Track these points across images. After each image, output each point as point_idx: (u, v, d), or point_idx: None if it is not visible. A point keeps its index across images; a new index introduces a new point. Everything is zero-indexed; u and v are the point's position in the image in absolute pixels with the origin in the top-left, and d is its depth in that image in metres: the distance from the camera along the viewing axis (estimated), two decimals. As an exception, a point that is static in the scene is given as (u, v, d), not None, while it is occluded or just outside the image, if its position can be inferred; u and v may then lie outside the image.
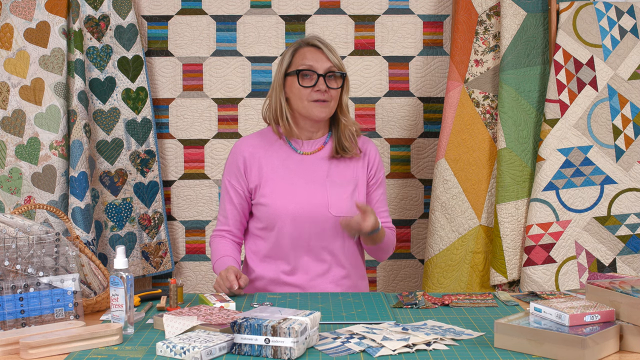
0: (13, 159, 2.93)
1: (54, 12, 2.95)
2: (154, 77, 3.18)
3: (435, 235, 2.99)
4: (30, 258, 1.89)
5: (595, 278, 2.04)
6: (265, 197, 2.30)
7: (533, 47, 2.96)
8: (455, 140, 2.98)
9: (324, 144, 2.35)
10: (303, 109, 2.27)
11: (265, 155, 2.33)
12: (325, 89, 2.23)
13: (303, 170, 2.31)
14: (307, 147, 2.34)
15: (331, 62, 2.26)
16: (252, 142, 2.37)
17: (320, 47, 2.27)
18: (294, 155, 2.33)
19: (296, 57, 2.29)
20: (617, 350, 1.66)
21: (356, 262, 2.39)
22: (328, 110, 2.27)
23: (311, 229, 2.28)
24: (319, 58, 2.26)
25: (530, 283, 2.86)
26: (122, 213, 3.07)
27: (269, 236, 2.31)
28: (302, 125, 2.32)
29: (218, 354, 1.63)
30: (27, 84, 2.94)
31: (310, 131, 2.33)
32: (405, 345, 1.68)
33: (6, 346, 1.67)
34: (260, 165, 2.32)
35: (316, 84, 2.24)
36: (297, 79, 2.25)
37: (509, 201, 2.91)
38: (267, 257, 2.33)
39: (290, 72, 2.28)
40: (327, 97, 2.25)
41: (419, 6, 3.17)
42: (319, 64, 2.25)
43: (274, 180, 2.30)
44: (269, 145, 2.35)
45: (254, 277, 2.35)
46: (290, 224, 2.27)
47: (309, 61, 2.25)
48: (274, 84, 2.33)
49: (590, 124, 2.89)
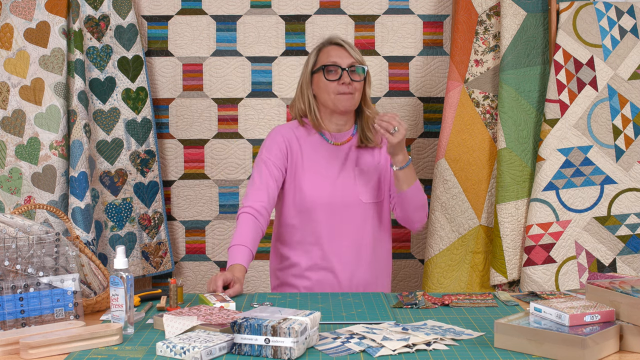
0: (13, 159, 2.93)
1: (54, 12, 2.95)
2: (154, 77, 3.18)
3: (435, 235, 2.99)
4: (30, 258, 1.89)
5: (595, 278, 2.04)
6: (302, 184, 2.43)
7: (533, 47, 2.96)
8: (455, 140, 2.98)
9: (352, 136, 2.50)
10: (330, 101, 2.43)
11: (302, 143, 2.48)
12: (349, 82, 2.40)
13: (334, 160, 2.47)
14: (337, 138, 2.49)
15: (353, 58, 2.43)
16: (290, 128, 2.51)
17: (342, 44, 2.46)
18: (326, 145, 2.48)
19: (321, 55, 2.46)
20: (617, 350, 1.66)
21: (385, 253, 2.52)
22: (353, 102, 2.43)
23: (343, 216, 2.43)
24: (342, 54, 2.43)
25: (530, 283, 2.86)
26: (122, 213, 3.07)
27: (303, 224, 2.43)
28: (331, 119, 2.48)
29: (218, 354, 1.63)
30: (27, 84, 2.94)
31: (338, 124, 2.49)
32: (405, 345, 1.68)
33: (6, 346, 1.67)
34: (297, 150, 2.47)
35: (341, 77, 2.40)
36: (323, 73, 2.42)
37: (509, 201, 2.91)
38: (300, 245, 2.45)
39: (316, 70, 2.45)
40: (352, 89, 2.41)
41: (419, 6, 3.18)
42: (342, 60, 2.42)
43: (309, 168, 2.45)
44: (305, 134, 2.49)
45: (288, 265, 2.47)
46: (323, 211, 2.42)
47: (333, 57, 2.43)
48: (301, 83, 2.50)
49: (590, 124, 2.89)
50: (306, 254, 2.44)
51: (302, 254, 2.44)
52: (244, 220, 2.35)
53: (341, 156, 2.47)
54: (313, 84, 2.47)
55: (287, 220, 2.46)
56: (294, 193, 2.44)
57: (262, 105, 3.19)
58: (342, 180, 2.45)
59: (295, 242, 2.45)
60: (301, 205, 2.43)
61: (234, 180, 3.20)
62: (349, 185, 2.44)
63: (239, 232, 2.33)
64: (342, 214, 2.43)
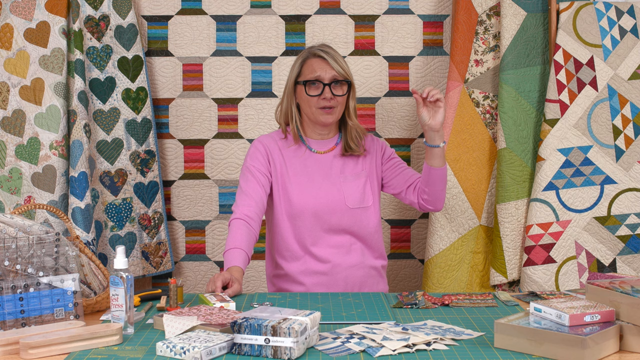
0: (13, 159, 2.93)
1: (54, 12, 2.95)
2: (154, 77, 3.18)
3: (435, 235, 2.99)
4: (30, 258, 1.89)
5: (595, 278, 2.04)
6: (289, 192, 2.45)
7: (533, 47, 2.96)
8: (455, 140, 2.98)
9: (336, 144, 2.53)
10: (311, 115, 2.46)
11: (284, 153, 2.50)
12: (330, 97, 2.42)
13: (319, 168, 2.50)
14: (321, 146, 2.52)
15: (335, 71, 2.43)
16: (271, 139, 2.54)
17: (325, 57, 2.44)
18: (310, 153, 2.51)
19: (304, 67, 2.47)
20: (617, 350, 1.66)
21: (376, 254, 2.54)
22: (333, 116, 2.45)
23: (331, 221, 2.45)
24: (325, 68, 2.43)
25: (530, 283, 2.86)
26: (122, 213, 3.07)
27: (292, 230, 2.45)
28: (313, 128, 2.51)
29: (218, 354, 1.63)
30: (27, 84, 2.94)
31: (321, 133, 2.52)
32: (405, 345, 1.68)
33: (6, 346, 1.67)
34: (280, 160, 2.48)
35: (322, 92, 2.41)
36: (305, 88, 2.43)
37: (509, 201, 2.91)
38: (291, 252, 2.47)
39: (299, 82, 2.46)
40: (334, 103, 2.43)
41: (419, 6, 3.17)
42: (325, 74, 2.42)
43: (294, 176, 2.47)
44: (287, 144, 2.51)
45: (282, 273, 2.49)
46: (311, 217, 2.44)
47: (315, 72, 2.43)
48: (285, 90, 2.51)
49: (590, 124, 2.89)
50: (297, 260, 2.46)
51: (293, 260, 2.47)
52: (237, 225, 2.35)
53: (325, 164, 2.50)
54: (296, 94, 2.49)
55: (277, 228, 2.49)
56: (282, 201, 2.46)
57: (262, 105, 3.19)
58: (328, 187, 2.47)
59: (286, 249, 2.47)
60: (289, 213, 2.45)
61: (234, 180, 3.20)
62: (334, 191, 2.47)
63: (233, 236, 2.34)
64: (329, 219, 2.45)
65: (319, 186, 2.47)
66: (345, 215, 2.46)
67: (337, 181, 2.48)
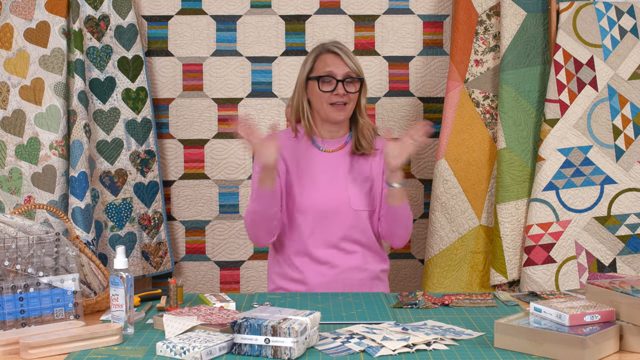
0: (13, 159, 2.93)
1: (54, 12, 2.95)
2: (154, 77, 3.18)
3: (435, 235, 2.99)
4: (30, 258, 1.89)
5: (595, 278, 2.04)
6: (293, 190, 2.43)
7: (533, 47, 2.96)
8: (455, 140, 2.98)
9: (345, 143, 2.49)
10: (323, 111, 2.42)
11: (293, 151, 2.47)
12: (343, 93, 2.39)
13: (326, 167, 2.46)
14: (330, 145, 2.48)
15: (349, 68, 2.41)
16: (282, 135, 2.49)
17: (339, 53, 2.42)
18: (318, 152, 2.47)
19: (317, 63, 2.44)
20: (617, 350, 1.66)
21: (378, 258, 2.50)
22: (345, 113, 2.42)
23: (333, 222, 2.42)
24: (338, 64, 2.41)
25: (530, 283, 2.86)
26: (122, 213, 3.07)
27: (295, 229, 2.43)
28: (323, 125, 2.47)
29: (218, 354, 1.63)
30: (27, 84, 2.94)
31: (331, 131, 2.48)
32: (405, 345, 1.68)
33: (6, 346, 1.67)
34: (289, 157, 2.46)
35: (335, 88, 2.39)
36: (318, 84, 2.40)
37: (509, 201, 2.91)
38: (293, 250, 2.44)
39: (312, 77, 2.43)
40: (346, 99, 2.40)
41: (419, 6, 3.17)
42: (338, 70, 2.40)
43: (300, 175, 2.44)
44: (296, 142, 2.48)
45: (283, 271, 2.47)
46: (314, 217, 2.41)
47: (328, 67, 2.41)
48: (297, 87, 2.49)
49: (590, 124, 2.89)
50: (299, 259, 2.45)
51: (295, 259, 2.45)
52: None
53: (333, 163, 2.46)
54: (308, 90, 2.46)
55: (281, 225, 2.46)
56: (287, 199, 2.45)
57: (262, 105, 3.19)
58: (334, 187, 2.44)
59: (288, 247, 2.46)
60: (292, 211, 2.43)
61: (234, 180, 3.20)
62: (340, 191, 2.44)
63: None
64: (332, 219, 2.42)
65: (324, 186, 2.44)
66: (348, 216, 2.43)
67: (344, 181, 2.45)
